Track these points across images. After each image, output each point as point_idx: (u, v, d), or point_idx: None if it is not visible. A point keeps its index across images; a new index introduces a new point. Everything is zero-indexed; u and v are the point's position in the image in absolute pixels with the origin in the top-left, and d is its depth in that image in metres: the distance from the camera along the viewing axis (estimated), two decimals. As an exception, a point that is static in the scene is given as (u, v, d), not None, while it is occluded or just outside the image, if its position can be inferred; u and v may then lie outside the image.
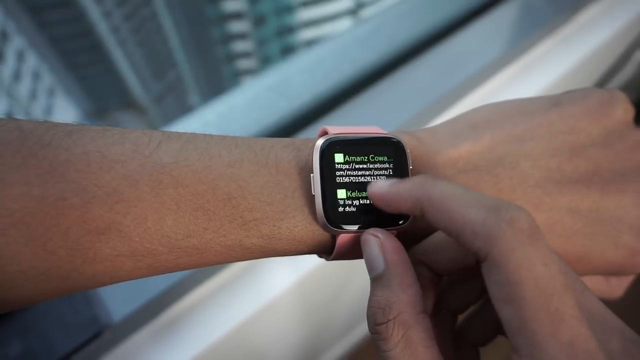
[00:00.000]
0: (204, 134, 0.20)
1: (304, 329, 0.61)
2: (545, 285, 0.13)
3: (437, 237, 0.19)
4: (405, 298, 0.16)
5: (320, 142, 0.19)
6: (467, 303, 0.20)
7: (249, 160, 0.19)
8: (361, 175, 0.19)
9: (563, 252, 0.20)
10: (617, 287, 0.23)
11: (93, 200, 0.16)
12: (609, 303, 0.24)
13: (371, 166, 0.19)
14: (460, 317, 0.21)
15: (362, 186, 0.19)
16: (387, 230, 0.19)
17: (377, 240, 0.18)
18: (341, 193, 0.19)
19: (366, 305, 0.19)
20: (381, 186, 0.18)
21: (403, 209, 0.17)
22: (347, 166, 0.19)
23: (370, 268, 0.18)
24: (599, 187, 0.20)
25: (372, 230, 0.18)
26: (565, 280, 0.14)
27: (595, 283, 0.23)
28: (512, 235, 0.14)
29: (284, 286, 0.46)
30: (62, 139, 0.17)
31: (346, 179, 0.19)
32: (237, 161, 0.19)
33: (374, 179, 0.19)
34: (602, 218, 0.20)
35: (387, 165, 0.20)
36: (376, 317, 0.17)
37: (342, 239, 0.19)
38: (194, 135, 0.19)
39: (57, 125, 0.18)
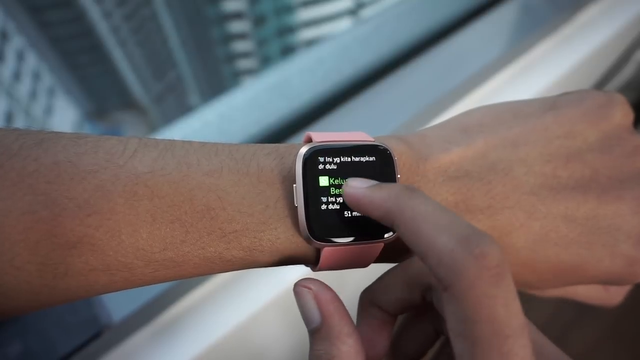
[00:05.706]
0: (184, 141, 0.19)
1: (303, 330, 0.61)
2: (501, 326, 0.13)
3: (385, 278, 0.18)
4: (345, 349, 0.16)
5: (303, 150, 0.18)
6: (424, 347, 0.19)
7: (229, 169, 0.18)
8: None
9: (558, 262, 0.19)
10: (616, 294, 0.23)
11: (63, 213, 0.16)
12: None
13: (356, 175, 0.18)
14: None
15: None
16: (374, 242, 0.18)
17: (310, 292, 0.17)
18: (324, 204, 0.18)
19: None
20: (356, 187, 0.17)
21: (374, 217, 0.16)
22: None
23: (306, 321, 0.17)
24: (596, 194, 0.19)
25: (303, 282, 0.17)
26: (523, 321, 0.13)
27: (594, 291, 0.22)
28: (477, 272, 0.13)
29: (283, 287, 0.46)
30: (32, 148, 0.16)
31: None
32: (216, 170, 0.18)
33: None
34: (599, 226, 0.19)
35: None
36: None
37: (327, 251, 0.18)
38: (172, 143, 0.18)
39: (28, 133, 0.17)
